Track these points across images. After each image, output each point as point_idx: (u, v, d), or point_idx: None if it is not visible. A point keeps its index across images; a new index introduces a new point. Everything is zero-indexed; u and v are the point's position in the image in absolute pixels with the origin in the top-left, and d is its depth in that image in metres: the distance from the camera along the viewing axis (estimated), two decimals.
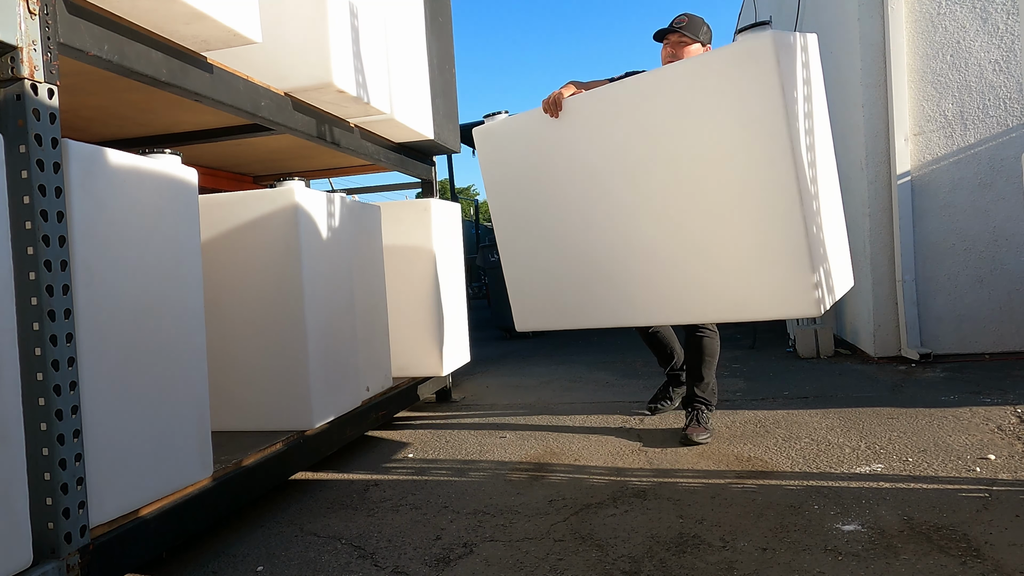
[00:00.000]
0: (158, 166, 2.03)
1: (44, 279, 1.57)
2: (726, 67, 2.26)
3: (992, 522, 1.98)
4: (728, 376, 4.38)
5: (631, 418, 3.48)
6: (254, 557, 2.10)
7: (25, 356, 1.56)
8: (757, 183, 2.27)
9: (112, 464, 1.80)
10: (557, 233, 2.77)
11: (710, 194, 2.37)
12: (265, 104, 2.52)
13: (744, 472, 2.57)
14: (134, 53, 1.91)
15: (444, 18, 4.16)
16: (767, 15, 7.80)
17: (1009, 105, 4.21)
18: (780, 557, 1.86)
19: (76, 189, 1.70)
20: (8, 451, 1.49)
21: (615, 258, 2.65)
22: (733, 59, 2.24)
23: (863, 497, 2.23)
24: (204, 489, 2.11)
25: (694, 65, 2.38)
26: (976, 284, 4.29)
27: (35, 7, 1.57)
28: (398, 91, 3.28)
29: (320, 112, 2.91)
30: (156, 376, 1.97)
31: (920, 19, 4.29)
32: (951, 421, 3.00)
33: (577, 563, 1.92)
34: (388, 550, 2.09)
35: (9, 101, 1.55)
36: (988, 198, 4.26)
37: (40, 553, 1.57)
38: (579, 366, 5.17)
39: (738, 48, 2.23)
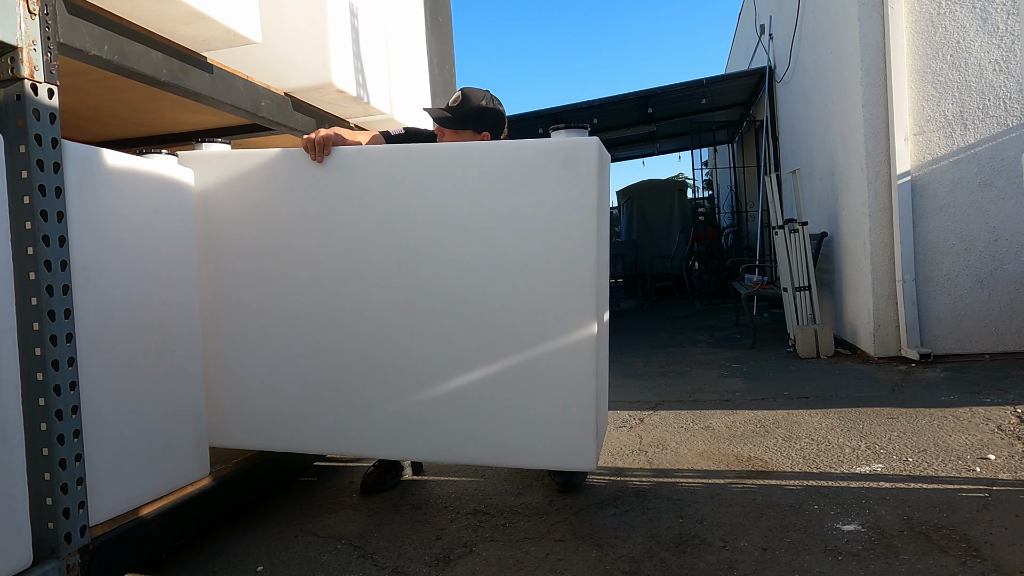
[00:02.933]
0: (154, 167, 2.03)
1: (44, 279, 1.57)
2: (539, 162, 1.97)
3: (992, 522, 1.98)
4: (728, 376, 4.39)
5: (631, 418, 3.48)
6: (254, 557, 2.10)
7: (25, 356, 1.56)
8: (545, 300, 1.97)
9: (111, 464, 1.80)
10: (281, 315, 2.19)
11: (490, 308, 2.00)
12: (265, 104, 2.52)
13: (744, 472, 2.57)
14: (134, 53, 1.91)
15: (444, 18, 4.16)
16: (767, 16, 7.81)
17: (1009, 105, 4.21)
18: (780, 557, 1.86)
19: (72, 189, 1.70)
20: (8, 451, 1.49)
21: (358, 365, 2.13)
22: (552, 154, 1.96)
23: (863, 497, 2.23)
24: (204, 489, 2.11)
25: (500, 150, 2.03)
26: (976, 284, 4.29)
27: (35, 7, 1.57)
28: (398, 91, 3.28)
29: (320, 112, 2.91)
30: (153, 376, 1.97)
31: (920, 19, 4.29)
32: (951, 421, 3.00)
33: (577, 563, 1.92)
34: (388, 550, 2.09)
35: (9, 101, 1.55)
36: (988, 198, 4.26)
37: (40, 553, 1.57)
38: None
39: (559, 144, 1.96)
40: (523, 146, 2.01)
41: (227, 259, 2.22)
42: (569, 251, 1.95)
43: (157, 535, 1.90)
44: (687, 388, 4.09)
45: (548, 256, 1.96)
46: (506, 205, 1.99)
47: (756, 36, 8.30)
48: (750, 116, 9.57)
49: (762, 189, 7.69)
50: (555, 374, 1.97)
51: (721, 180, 13.17)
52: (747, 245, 9.89)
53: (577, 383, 1.96)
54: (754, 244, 8.72)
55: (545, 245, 1.96)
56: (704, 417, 3.39)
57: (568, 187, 1.94)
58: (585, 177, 1.93)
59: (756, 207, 9.05)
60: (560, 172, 1.94)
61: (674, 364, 4.94)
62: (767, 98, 7.85)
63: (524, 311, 1.99)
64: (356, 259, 2.11)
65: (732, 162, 11.19)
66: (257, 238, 2.19)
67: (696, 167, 14.19)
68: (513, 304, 1.99)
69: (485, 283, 2.01)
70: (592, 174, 1.92)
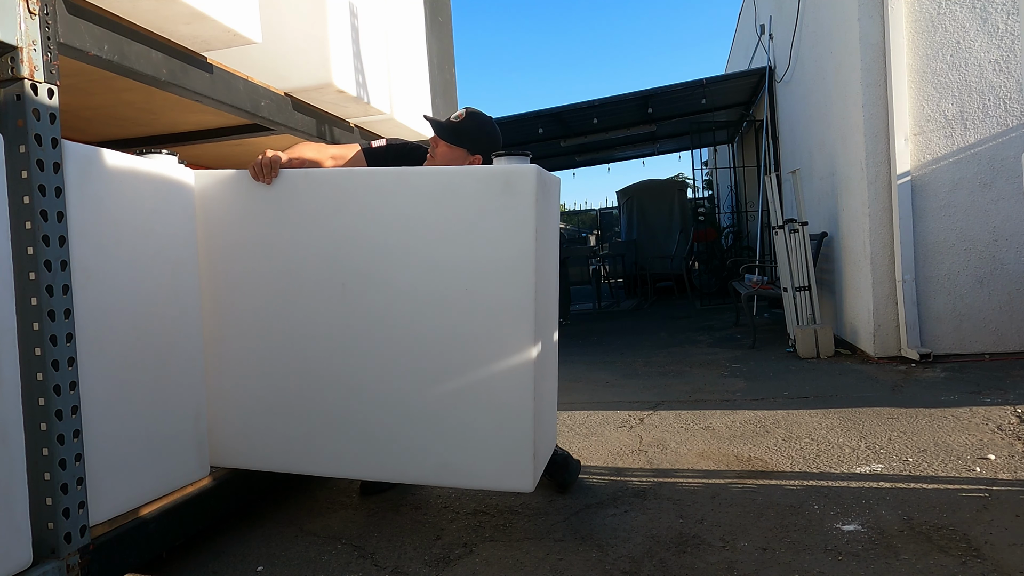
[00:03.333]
0: (154, 166, 2.03)
1: (44, 279, 1.57)
2: (479, 189, 1.99)
3: (992, 522, 1.98)
4: (728, 376, 4.39)
5: (631, 418, 3.48)
6: (254, 557, 2.10)
7: (25, 356, 1.56)
8: (487, 325, 1.98)
9: (111, 464, 1.80)
10: (236, 338, 2.18)
11: (432, 332, 2.03)
12: (265, 104, 2.52)
13: (744, 472, 2.57)
14: (134, 53, 1.91)
15: (444, 18, 4.16)
16: (767, 16, 7.81)
17: (1009, 105, 4.21)
18: (780, 557, 1.86)
19: (72, 190, 1.69)
20: (8, 451, 1.49)
21: (306, 387, 2.14)
22: (491, 182, 1.98)
23: (863, 497, 2.23)
24: (204, 489, 2.11)
25: (441, 177, 2.05)
26: (976, 284, 4.29)
27: (35, 7, 1.57)
28: (398, 91, 3.28)
29: (320, 112, 2.91)
30: (153, 376, 1.97)
31: (920, 19, 4.29)
32: (951, 421, 3.00)
33: (577, 563, 1.92)
34: (388, 550, 2.09)
35: (9, 101, 1.55)
36: (988, 198, 4.26)
37: (40, 553, 1.57)
38: (579, 366, 5.16)
39: (498, 171, 1.99)
40: (463, 173, 2.05)
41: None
42: (509, 277, 1.97)
43: (157, 535, 1.90)
44: (687, 388, 4.09)
45: (488, 282, 1.98)
46: (448, 231, 2.01)
47: (756, 36, 8.30)
48: (750, 116, 9.57)
49: (762, 189, 7.69)
50: (494, 398, 2.00)
51: (721, 180, 13.17)
52: (747, 245, 9.89)
53: (515, 407, 1.99)
54: (754, 244, 8.72)
55: (485, 271, 1.99)
56: (704, 417, 3.39)
57: (508, 214, 1.96)
58: (524, 204, 1.95)
59: (756, 207, 9.05)
60: (499, 199, 1.97)
61: (674, 364, 4.94)
62: (767, 98, 7.85)
63: (465, 336, 2.01)
64: (301, 282, 2.13)
65: (732, 162, 11.19)
66: (209, 261, 2.21)
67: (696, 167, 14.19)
68: (454, 329, 2.02)
69: (427, 308, 2.04)
70: (530, 201, 1.95)
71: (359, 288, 2.08)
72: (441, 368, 2.03)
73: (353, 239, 2.08)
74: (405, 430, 2.07)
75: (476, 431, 2.01)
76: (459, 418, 2.02)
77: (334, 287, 2.10)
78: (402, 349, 2.06)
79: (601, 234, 18.74)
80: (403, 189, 2.05)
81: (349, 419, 2.11)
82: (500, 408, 1.99)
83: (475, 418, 2.01)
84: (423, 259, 2.03)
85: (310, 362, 2.14)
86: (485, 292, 1.98)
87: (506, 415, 1.99)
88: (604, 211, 20.31)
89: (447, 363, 2.02)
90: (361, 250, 2.08)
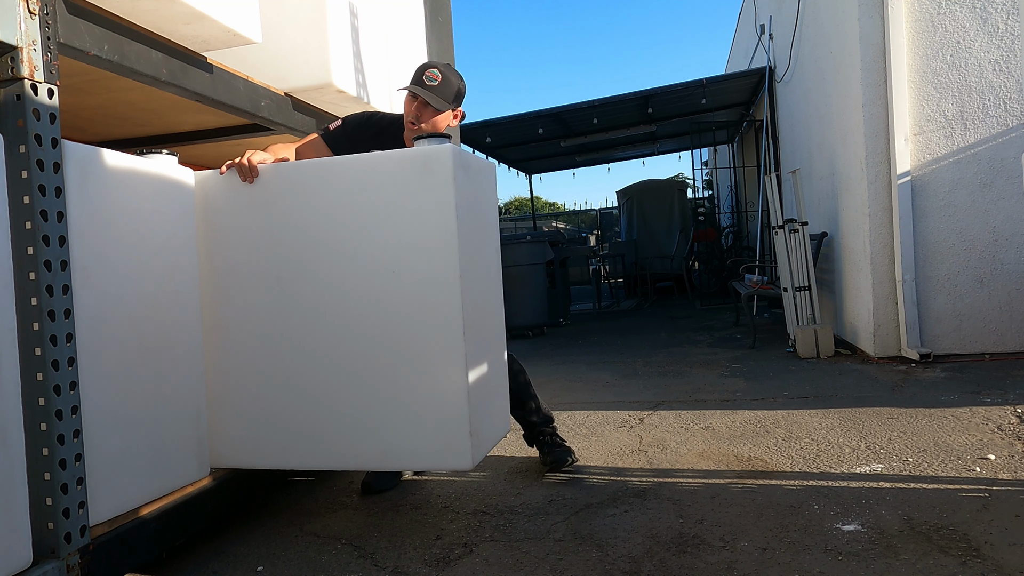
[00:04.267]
0: (154, 166, 2.03)
1: (44, 279, 1.57)
2: (399, 172, 2.05)
3: (992, 522, 1.98)
4: (728, 376, 4.39)
5: (631, 418, 3.48)
6: (254, 557, 2.10)
7: (25, 356, 1.56)
8: (417, 306, 2.04)
9: (111, 464, 1.80)
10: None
11: (365, 317, 2.08)
12: (265, 104, 2.52)
13: (744, 472, 2.57)
14: (134, 53, 1.91)
15: (444, 18, 4.16)
16: (767, 16, 7.81)
17: (1009, 105, 4.21)
18: (780, 557, 1.86)
19: (72, 189, 1.70)
20: (8, 451, 1.49)
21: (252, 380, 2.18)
22: (409, 165, 2.04)
23: (863, 497, 2.23)
24: (204, 489, 2.11)
25: (364, 163, 2.11)
26: (976, 284, 4.29)
27: (35, 7, 1.57)
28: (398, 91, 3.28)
29: (320, 112, 2.91)
30: (153, 376, 1.97)
31: (920, 19, 4.29)
32: (951, 421, 3.00)
33: (577, 563, 1.92)
34: (388, 550, 2.09)
35: (9, 101, 1.55)
36: (988, 198, 4.26)
37: (40, 553, 1.57)
38: (579, 366, 5.16)
39: (416, 154, 2.06)
40: (384, 157, 2.11)
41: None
42: (433, 257, 2.02)
43: (157, 535, 1.90)
44: (687, 388, 4.09)
45: (414, 263, 2.04)
46: (374, 215, 2.07)
47: (756, 36, 8.30)
48: (750, 116, 9.57)
49: (762, 189, 7.69)
50: (427, 379, 2.04)
51: (721, 180, 13.17)
52: (747, 245, 9.89)
53: (449, 387, 2.03)
54: (754, 244, 8.72)
55: (411, 252, 2.05)
56: (704, 417, 3.39)
57: (428, 195, 2.02)
58: (443, 184, 2.01)
59: (756, 207, 9.05)
60: (420, 181, 2.03)
61: (674, 364, 4.94)
62: (767, 98, 7.86)
63: (396, 318, 2.06)
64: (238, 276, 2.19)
65: (732, 162, 11.19)
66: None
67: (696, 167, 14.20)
68: (386, 312, 2.07)
69: (360, 295, 2.09)
70: (449, 180, 2.01)
71: (293, 279, 2.14)
72: (376, 353, 2.08)
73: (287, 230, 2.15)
74: (345, 418, 2.11)
75: (414, 413, 2.06)
76: (396, 402, 2.07)
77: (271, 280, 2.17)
78: (337, 338, 2.11)
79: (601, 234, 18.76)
80: (330, 179, 2.12)
81: (291, 411, 2.15)
82: (434, 389, 2.04)
83: (412, 401, 2.06)
84: (353, 246, 2.09)
85: (253, 356, 2.19)
86: (412, 274, 2.04)
87: (441, 395, 2.04)
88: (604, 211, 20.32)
89: (382, 348, 2.07)
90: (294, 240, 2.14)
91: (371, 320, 2.08)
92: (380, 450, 2.10)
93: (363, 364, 2.09)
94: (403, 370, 2.06)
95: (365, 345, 2.08)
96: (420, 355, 2.04)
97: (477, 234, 2.19)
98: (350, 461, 2.16)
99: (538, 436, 2.76)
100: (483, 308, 2.22)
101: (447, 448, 2.05)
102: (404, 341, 2.05)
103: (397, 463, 2.15)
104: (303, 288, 2.13)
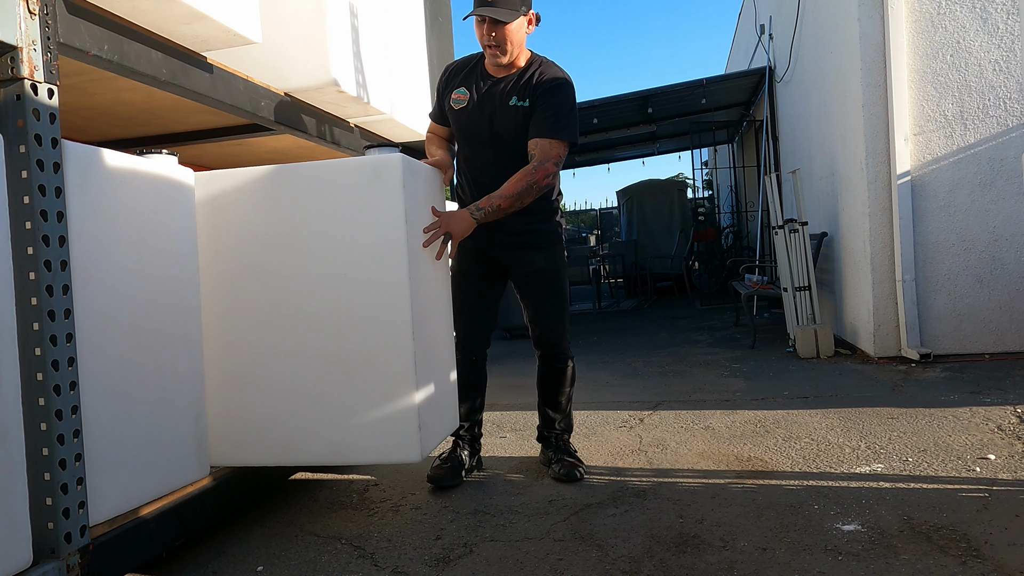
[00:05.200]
0: (154, 166, 2.03)
1: (44, 279, 1.57)
2: (350, 180, 2.14)
3: (992, 522, 1.98)
4: (728, 376, 4.39)
5: (631, 418, 3.48)
6: (254, 557, 2.10)
7: (25, 356, 1.56)
8: (368, 308, 2.12)
9: (111, 464, 1.80)
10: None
11: (322, 316, 2.16)
12: (265, 104, 2.52)
13: (744, 472, 2.57)
14: (134, 53, 1.91)
15: (444, 18, 4.16)
16: (767, 16, 7.81)
17: (1009, 105, 4.21)
18: (780, 557, 1.86)
19: (72, 189, 1.69)
20: (8, 451, 1.49)
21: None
22: (359, 173, 2.13)
23: (863, 497, 2.23)
24: (204, 489, 2.11)
25: (318, 170, 2.19)
26: (976, 284, 4.29)
27: (35, 7, 1.57)
28: (398, 91, 3.28)
29: (320, 112, 2.90)
30: (153, 376, 1.97)
31: (920, 19, 4.29)
32: (951, 421, 3.00)
33: (577, 563, 1.92)
34: (388, 550, 2.09)
35: (9, 101, 1.55)
36: (988, 198, 4.26)
37: (40, 553, 1.57)
38: (579, 366, 5.16)
39: (365, 163, 2.15)
40: (335, 166, 2.20)
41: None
42: (383, 260, 2.12)
43: (157, 535, 1.90)
44: (687, 388, 4.09)
45: (366, 268, 2.13)
46: (327, 220, 2.16)
47: (756, 36, 8.30)
48: (750, 116, 9.57)
49: (762, 189, 7.69)
50: (378, 377, 2.13)
51: (721, 180, 13.17)
52: (747, 245, 9.89)
53: (397, 383, 2.12)
54: (754, 244, 8.72)
55: (362, 256, 2.13)
56: (704, 417, 3.39)
57: (378, 201, 2.12)
58: (393, 191, 2.12)
59: (756, 207, 9.05)
60: (370, 188, 2.13)
61: (674, 364, 4.94)
62: (767, 98, 7.86)
63: (350, 321, 2.15)
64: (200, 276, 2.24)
65: (732, 162, 11.19)
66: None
67: (696, 167, 14.19)
68: (340, 315, 2.15)
69: (316, 297, 2.17)
70: (398, 187, 2.12)
71: (248, 281, 2.22)
72: (330, 353, 2.16)
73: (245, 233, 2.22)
74: (300, 415, 2.18)
75: (365, 410, 2.14)
76: (347, 398, 2.15)
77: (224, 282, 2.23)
78: (294, 339, 2.18)
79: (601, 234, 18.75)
80: (288, 183, 2.19)
81: (244, 408, 2.22)
82: (385, 387, 2.13)
83: (364, 399, 2.14)
84: (310, 252, 2.17)
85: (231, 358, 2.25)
86: (364, 278, 2.13)
87: (390, 393, 2.13)
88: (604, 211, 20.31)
89: (336, 349, 2.15)
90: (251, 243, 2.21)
91: (326, 322, 2.15)
92: (332, 445, 2.18)
93: (319, 364, 2.16)
94: (355, 370, 2.14)
95: (321, 346, 2.16)
96: (372, 356, 2.13)
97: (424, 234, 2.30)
98: (301, 457, 2.22)
99: (551, 437, 2.76)
100: (433, 310, 2.33)
101: (397, 443, 2.14)
102: (357, 342, 2.14)
103: (349, 458, 2.22)
104: (260, 290, 2.21)
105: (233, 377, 2.22)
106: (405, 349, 2.12)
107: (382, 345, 2.12)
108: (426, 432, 2.17)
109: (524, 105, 2.46)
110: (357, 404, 2.15)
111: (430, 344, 2.27)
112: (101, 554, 1.70)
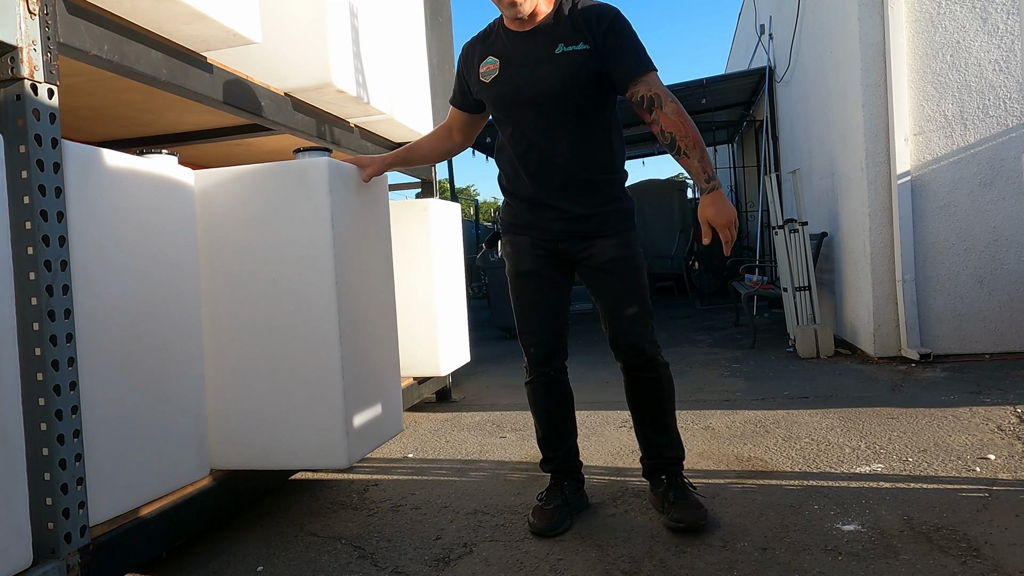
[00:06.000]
0: (154, 166, 2.03)
1: (44, 279, 1.57)
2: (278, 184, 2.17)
3: (992, 522, 1.98)
4: (728, 376, 4.39)
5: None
6: (254, 557, 2.10)
7: (25, 356, 1.56)
8: (298, 311, 2.14)
9: (111, 464, 1.80)
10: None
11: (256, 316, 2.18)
12: (265, 104, 2.52)
13: (744, 472, 2.57)
14: (134, 53, 1.91)
15: (444, 18, 4.16)
16: (767, 16, 7.81)
17: (1009, 105, 4.21)
18: (780, 557, 1.86)
19: (72, 190, 1.69)
20: (8, 451, 1.49)
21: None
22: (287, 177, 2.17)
23: (863, 497, 2.23)
24: (204, 489, 2.11)
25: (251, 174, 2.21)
26: (976, 284, 4.29)
27: (35, 7, 1.57)
28: (398, 91, 3.28)
29: (320, 112, 2.90)
30: (153, 376, 1.97)
31: (920, 19, 4.29)
32: (951, 421, 3.00)
33: (577, 563, 1.92)
34: (388, 550, 2.09)
35: (9, 101, 1.55)
36: (988, 198, 4.26)
37: (40, 553, 1.57)
38: (579, 366, 5.17)
39: (292, 167, 2.17)
40: (266, 170, 2.21)
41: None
42: (311, 262, 2.14)
43: (157, 535, 1.90)
44: (687, 388, 4.09)
45: (295, 269, 2.15)
46: (261, 223, 2.18)
47: (756, 36, 8.30)
48: (750, 116, 9.57)
49: (762, 189, 7.69)
50: (305, 381, 2.15)
51: (721, 180, 13.15)
52: (747, 245, 9.89)
53: (324, 386, 2.13)
54: (754, 244, 8.72)
55: (292, 259, 2.15)
56: (704, 417, 3.39)
57: (305, 205, 2.15)
58: (319, 194, 2.14)
59: (756, 207, 9.05)
60: (298, 192, 2.16)
61: (674, 364, 4.92)
62: (767, 98, 7.86)
63: (280, 323, 2.16)
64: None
65: (732, 162, 11.19)
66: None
67: None
68: (271, 315, 2.17)
69: (248, 298, 2.19)
70: (324, 191, 2.14)
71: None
72: (263, 355, 2.18)
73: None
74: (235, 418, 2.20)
75: (293, 414, 2.15)
76: (278, 403, 2.16)
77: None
78: (236, 340, 2.20)
79: None
80: (229, 187, 2.22)
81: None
82: (311, 389, 2.15)
83: (292, 403, 2.15)
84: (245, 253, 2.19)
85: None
86: (293, 280, 2.15)
87: (317, 395, 2.14)
88: None
89: (267, 352, 2.17)
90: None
91: (260, 326, 2.17)
92: (261, 449, 2.19)
93: (254, 368, 2.18)
94: (285, 374, 2.15)
95: (256, 349, 2.18)
96: (300, 359, 2.14)
97: (361, 243, 2.34)
98: (234, 460, 2.23)
99: (661, 471, 2.20)
100: (366, 313, 2.34)
101: (324, 448, 2.15)
102: (287, 345, 2.15)
103: (277, 462, 2.22)
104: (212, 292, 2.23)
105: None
106: (332, 352, 2.12)
107: (310, 348, 2.13)
108: (355, 438, 2.18)
109: (580, 48, 2.06)
110: (288, 408, 2.15)
111: (366, 347, 2.29)
112: (101, 554, 1.70)
